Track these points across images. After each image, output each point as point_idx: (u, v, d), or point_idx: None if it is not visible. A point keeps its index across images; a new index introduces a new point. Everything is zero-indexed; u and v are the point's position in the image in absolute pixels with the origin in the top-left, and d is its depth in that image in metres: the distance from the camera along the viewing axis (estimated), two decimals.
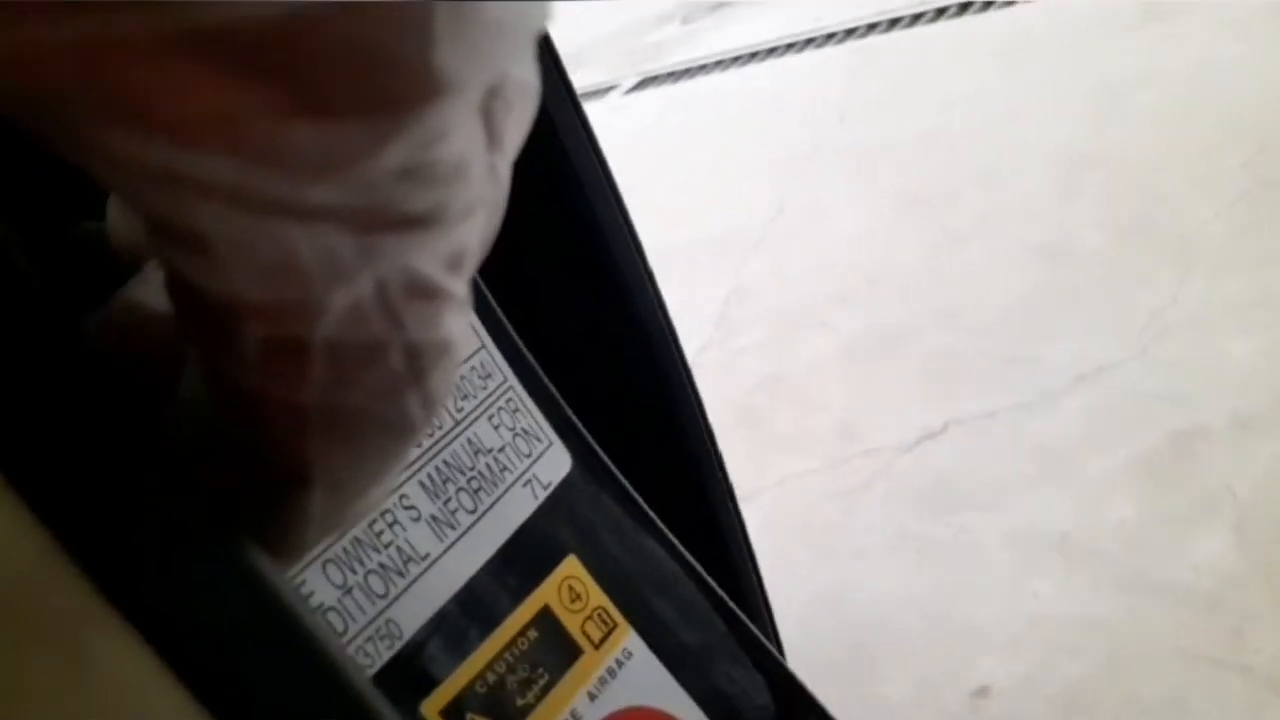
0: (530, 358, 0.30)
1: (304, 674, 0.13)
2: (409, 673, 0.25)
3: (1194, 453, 1.10)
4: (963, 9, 2.36)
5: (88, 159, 0.11)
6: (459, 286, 0.13)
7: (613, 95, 2.93)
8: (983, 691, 0.98)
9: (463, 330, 0.14)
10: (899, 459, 1.28)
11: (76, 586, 0.12)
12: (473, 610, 0.26)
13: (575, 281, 0.41)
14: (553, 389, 0.31)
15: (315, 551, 0.24)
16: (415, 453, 0.26)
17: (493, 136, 0.12)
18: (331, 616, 0.24)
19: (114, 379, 0.13)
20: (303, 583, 0.24)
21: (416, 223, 0.12)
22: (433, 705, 0.26)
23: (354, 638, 0.24)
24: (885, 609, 1.12)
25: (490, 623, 0.27)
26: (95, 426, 0.12)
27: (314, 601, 0.24)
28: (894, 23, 2.49)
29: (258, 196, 0.11)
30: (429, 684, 0.26)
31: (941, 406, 1.32)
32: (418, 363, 0.13)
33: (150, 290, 0.17)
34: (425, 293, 0.13)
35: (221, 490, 0.14)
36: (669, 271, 0.43)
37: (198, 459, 0.14)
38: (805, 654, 0.36)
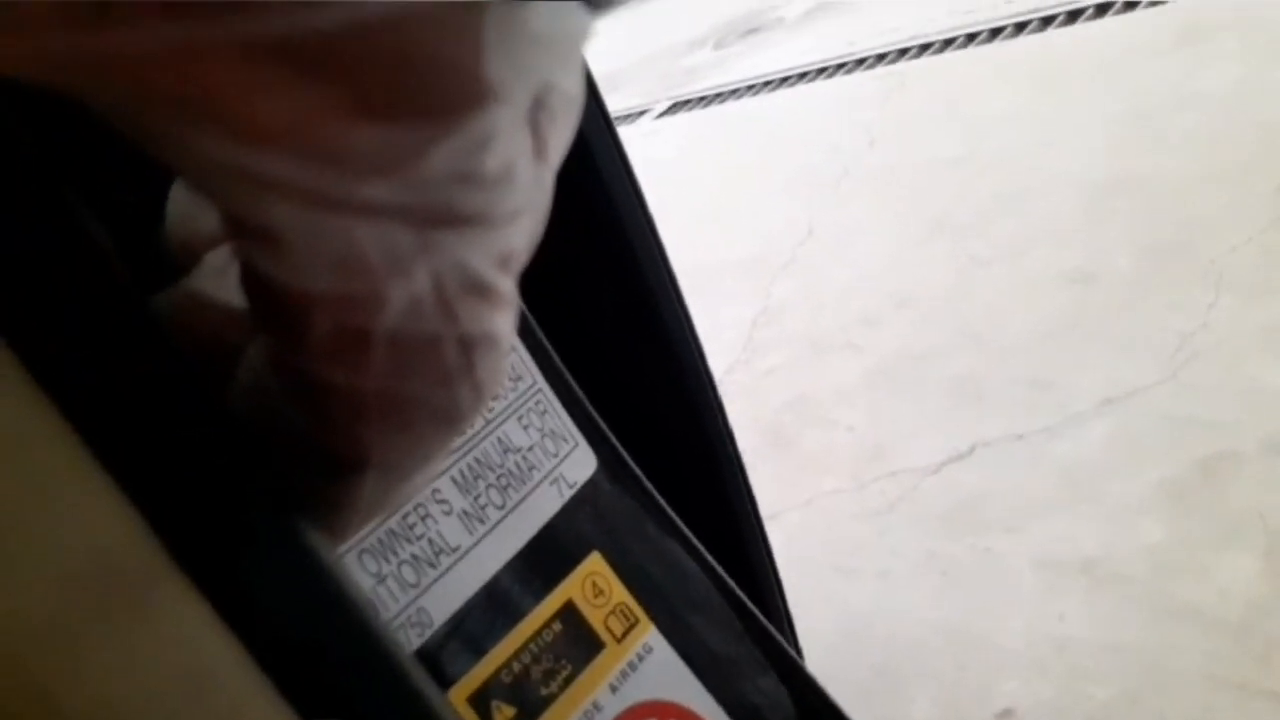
0: (559, 362, 0.32)
1: (351, 644, 0.14)
2: (438, 660, 0.26)
3: (1223, 478, 1.09)
4: (994, 34, 2.37)
5: (173, 158, 0.12)
6: (508, 284, 0.14)
7: (645, 119, 2.96)
8: (1006, 713, 0.97)
9: (510, 326, 0.15)
10: (925, 480, 1.28)
11: (152, 553, 0.13)
12: (500, 602, 0.27)
13: (605, 298, 0.42)
14: (580, 393, 0.32)
15: (352, 541, 0.26)
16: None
17: (539, 145, 0.13)
18: None
19: (187, 361, 0.14)
20: None
21: (468, 221, 0.13)
22: (460, 692, 0.27)
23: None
24: (910, 630, 1.11)
25: (516, 614, 0.28)
26: (174, 406, 0.13)
27: None
28: (925, 48, 2.50)
29: (324, 194, 0.12)
30: (457, 671, 0.27)
31: (968, 429, 1.32)
32: (469, 354, 0.14)
33: (207, 281, 0.19)
34: (477, 289, 0.14)
35: (279, 471, 0.15)
36: (697, 293, 0.44)
37: (258, 442, 0.15)
38: (829, 674, 0.37)
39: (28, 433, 0.12)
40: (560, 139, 0.14)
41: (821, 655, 0.40)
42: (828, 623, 1.14)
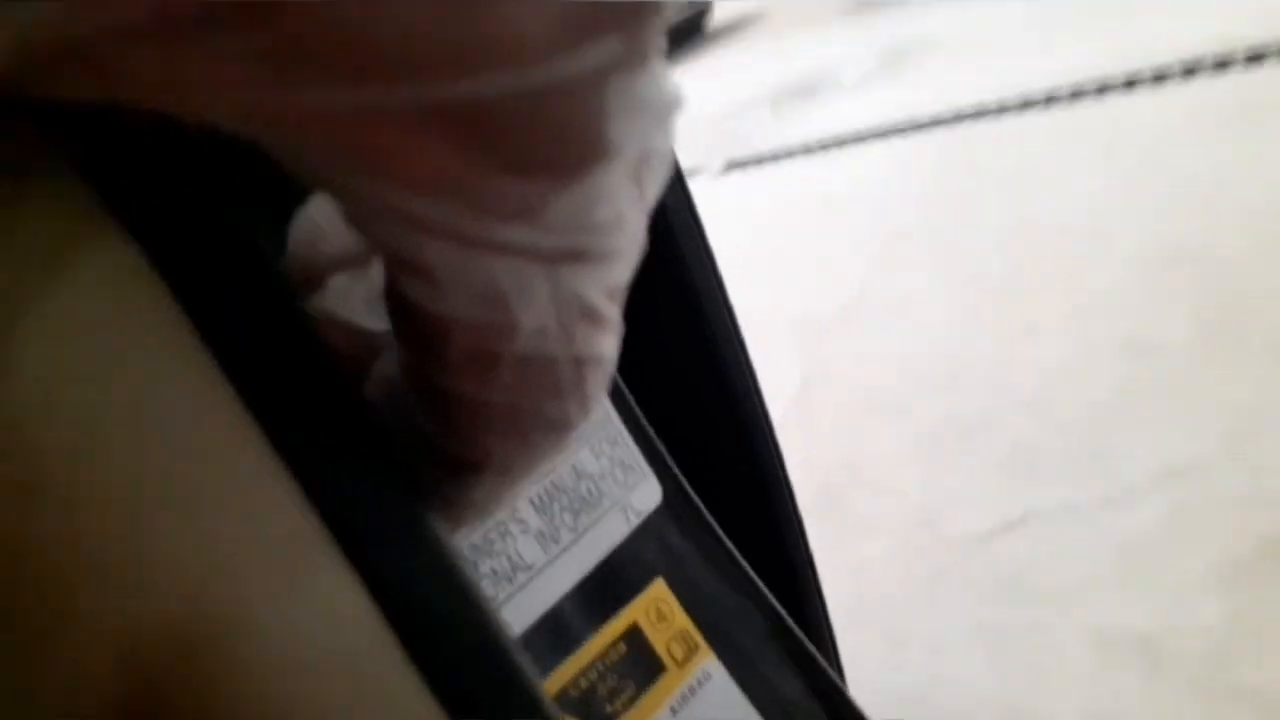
0: (629, 396, 0.33)
1: (476, 626, 0.16)
2: None
3: None
4: (1050, 102, 2.38)
5: (339, 198, 0.14)
6: (615, 312, 0.17)
7: (701, 179, 3.00)
8: None
9: (614, 347, 0.17)
10: (976, 549, 1.27)
11: (312, 528, 0.15)
12: (569, 620, 0.29)
13: (669, 336, 0.44)
14: (648, 426, 0.33)
15: None
16: None
17: (640, 194, 0.15)
18: None
19: (336, 362, 0.16)
20: None
21: (587, 258, 0.15)
22: None
23: None
24: (959, 703, 1.10)
25: (584, 634, 0.29)
26: (334, 400, 0.15)
27: None
28: (981, 114, 2.52)
29: (471, 235, 0.14)
30: None
31: (1021, 497, 1.30)
32: (581, 372, 0.16)
33: (332, 302, 0.21)
34: (591, 316, 0.16)
35: (410, 469, 0.17)
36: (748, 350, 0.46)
37: (393, 443, 0.17)
38: None
39: (216, 418, 0.14)
40: (655, 189, 0.16)
41: None
42: (874, 693, 1.12)
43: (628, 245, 0.16)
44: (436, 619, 0.15)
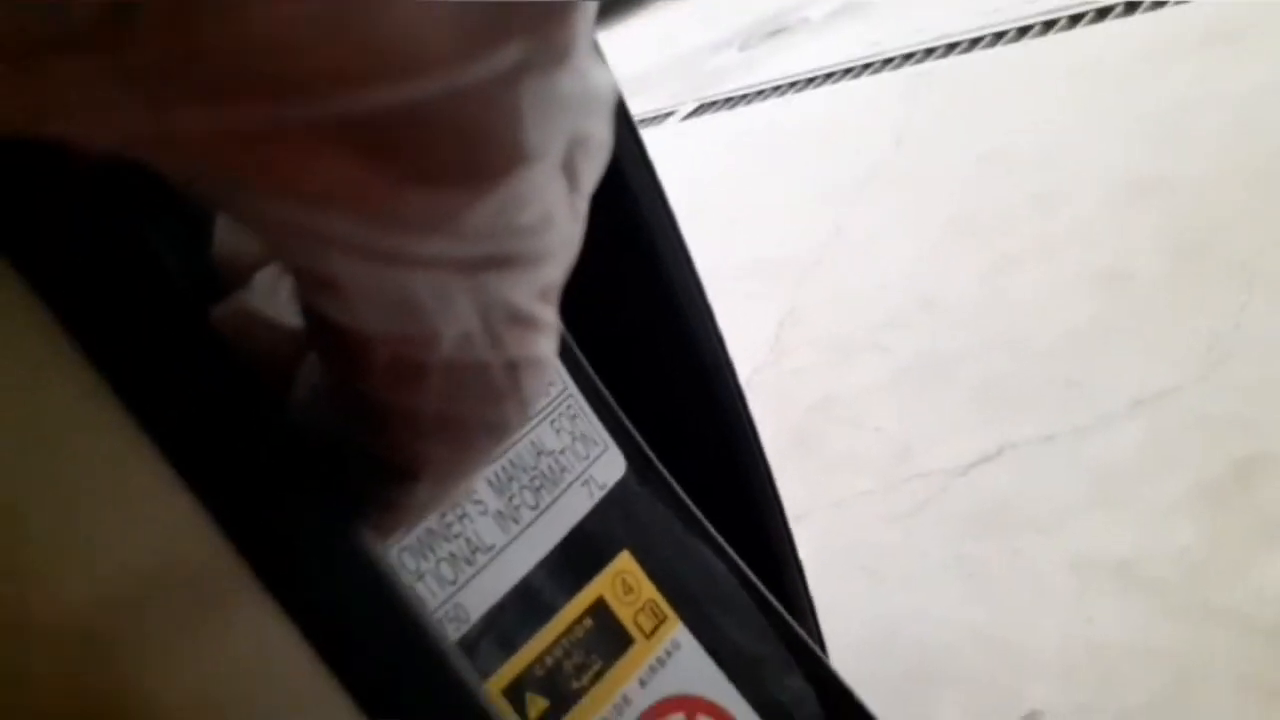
0: (588, 367, 0.33)
1: (402, 637, 0.15)
2: (474, 653, 0.27)
3: (1258, 479, 1.08)
4: (1022, 33, 2.36)
5: (243, 217, 0.13)
6: (548, 313, 0.16)
7: (670, 121, 2.96)
8: (1034, 716, 0.97)
9: (551, 347, 0.16)
10: (954, 482, 1.28)
11: (224, 554, 0.14)
12: (533, 598, 0.28)
13: (630, 302, 0.43)
14: (609, 397, 0.33)
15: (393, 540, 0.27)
16: None
17: (573, 182, 0.14)
18: None
19: (250, 374, 0.15)
20: None
21: (511, 264, 0.14)
22: (495, 684, 0.28)
23: None
24: (938, 633, 1.11)
25: (549, 611, 0.29)
26: (242, 417, 0.14)
27: None
28: (952, 47, 2.49)
29: (379, 250, 0.13)
30: (492, 664, 0.28)
31: (997, 429, 1.31)
32: (516, 375, 0.16)
33: (258, 299, 0.20)
34: (521, 320, 0.15)
35: (336, 478, 0.17)
36: (724, 294, 0.44)
37: (317, 451, 0.17)
38: (856, 676, 0.38)
39: (110, 444, 0.13)
40: (592, 174, 0.15)
41: (848, 658, 0.40)
42: (855, 625, 1.14)
43: (559, 243, 0.15)
44: (364, 639, 0.14)
